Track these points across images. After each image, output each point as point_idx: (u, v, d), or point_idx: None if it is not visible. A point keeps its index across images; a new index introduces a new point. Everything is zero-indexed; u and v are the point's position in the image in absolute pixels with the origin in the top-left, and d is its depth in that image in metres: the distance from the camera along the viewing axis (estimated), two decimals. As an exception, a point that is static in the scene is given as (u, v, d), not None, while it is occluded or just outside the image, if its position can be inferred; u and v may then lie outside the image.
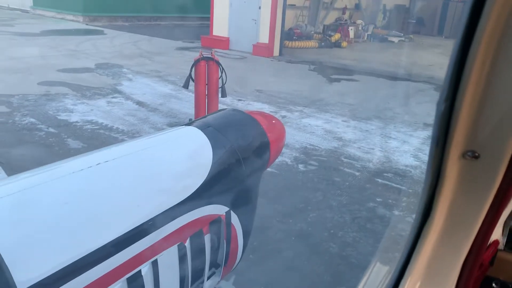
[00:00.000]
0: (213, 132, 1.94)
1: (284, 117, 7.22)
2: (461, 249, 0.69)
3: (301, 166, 5.30)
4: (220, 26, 14.70)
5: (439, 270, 0.71)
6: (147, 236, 1.40)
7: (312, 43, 15.77)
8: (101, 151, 1.66)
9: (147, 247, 1.40)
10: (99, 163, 1.51)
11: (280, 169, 5.11)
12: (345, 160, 5.57)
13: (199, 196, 1.63)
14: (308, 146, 5.98)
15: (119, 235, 1.32)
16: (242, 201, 2.04)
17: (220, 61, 5.94)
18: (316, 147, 5.95)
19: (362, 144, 6.20)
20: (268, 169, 3.55)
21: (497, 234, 0.85)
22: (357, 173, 5.19)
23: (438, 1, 21.78)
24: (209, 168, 1.73)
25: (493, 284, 0.86)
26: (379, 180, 5.03)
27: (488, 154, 0.58)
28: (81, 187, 1.43)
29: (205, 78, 5.86)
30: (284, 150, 5.57)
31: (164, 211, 1.47)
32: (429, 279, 0.72)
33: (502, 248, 0.89)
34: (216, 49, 11.28)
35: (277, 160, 5.09)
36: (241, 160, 1.96)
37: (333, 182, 4.92)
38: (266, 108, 7.64)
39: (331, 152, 5.82)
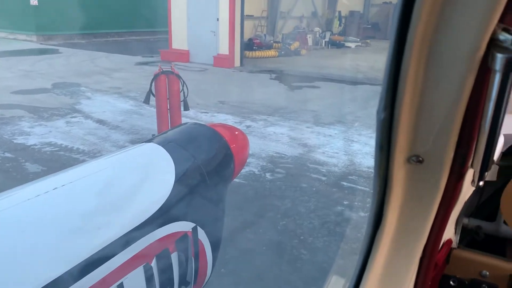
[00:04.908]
0: (175, 148, 1.92)
1: (248, 126, 7.24)
2: (414, 251, 0.70)
3: (268, 175, 5.32)
4: (179, 40, 14.62)
5: (395, 274, 0.72)
6: (111, 259, 1.36)
7: (272, 52, 15.96)
8: (57, 175, 1.61)
9: (111, 271, 1.36)
10: (55, 188, 1.46)
11: (247, 179, 5.11)
12: (311, 165, 5.63)
13: (163, 214, 1.60)
14: (274, 154, 6.01)
15: (81, 261, 1.27)
16: (208, 216, 2.02)
17: (181, 74, 5.90)
18: (282, 155, 5.99)
19: (326, 149, 6.30)
20: (236, 179, 3.54)
21: (450, 233, 0.88)
22: (323, 178, 5.25)
23: (390, 6, 22.56)
24: (172, 184, 1.71)
25: (451, 282, 0.89)
26: (345, 184, 5.12)
27: (431, 158, 0.60)
28: (37, 214, 1.37)
29: (166, 92, 5.80)
30: (250, 159, 5.57)
31: (126, 233, 1.44)
32: (386, 285, 0.72)
33: (456, 246, 0.92)
34: (176, 63, 11.20)
35: (244, 170, 5.10)
36: (204, 174, 1.94)
37: (300, 188, 4.96)
38: (230, 119, 7.64)
39: (297, 158, 5.87)
